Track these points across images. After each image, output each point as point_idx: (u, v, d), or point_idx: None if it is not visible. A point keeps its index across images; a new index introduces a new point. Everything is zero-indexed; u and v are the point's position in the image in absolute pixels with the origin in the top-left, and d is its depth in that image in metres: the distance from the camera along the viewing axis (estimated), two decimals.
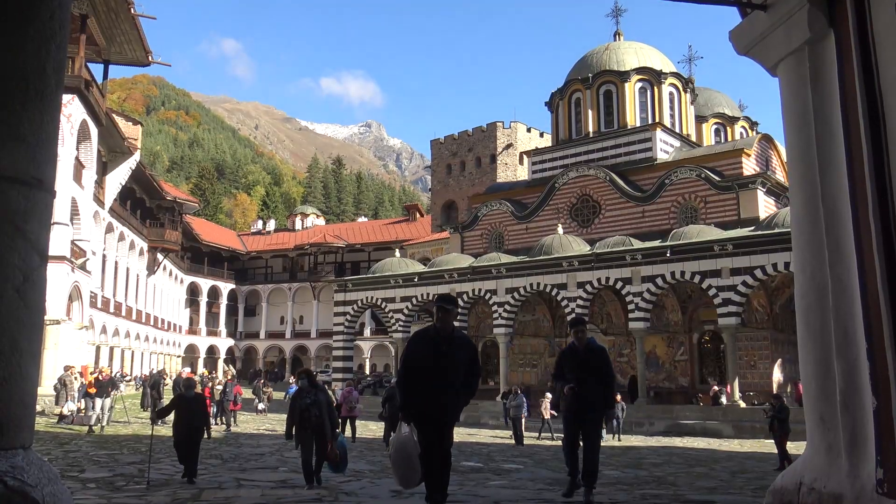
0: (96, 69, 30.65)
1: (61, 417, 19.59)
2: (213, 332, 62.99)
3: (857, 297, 3.88)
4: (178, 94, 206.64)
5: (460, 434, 18.72)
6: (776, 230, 24.38)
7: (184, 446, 9.08)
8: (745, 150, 32.34)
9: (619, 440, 20.79)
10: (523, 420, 19.92)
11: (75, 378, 21.61)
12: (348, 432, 18.57)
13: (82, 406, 19.69)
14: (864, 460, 3.80)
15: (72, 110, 26.67)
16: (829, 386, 4.08)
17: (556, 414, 17.96)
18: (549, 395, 21.05)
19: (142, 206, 47.05)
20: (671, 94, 37.14)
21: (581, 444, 7.10)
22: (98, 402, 18.59)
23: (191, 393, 9.76)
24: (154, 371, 35.71)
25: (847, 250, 3.97)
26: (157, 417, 9.70)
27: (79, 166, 29.54)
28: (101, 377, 19.86)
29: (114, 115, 35.60)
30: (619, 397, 22.62)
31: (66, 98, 24.59)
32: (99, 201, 35.23)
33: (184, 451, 9.08)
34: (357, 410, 19.41)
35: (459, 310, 6.49)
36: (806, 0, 4.18)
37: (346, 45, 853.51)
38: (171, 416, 9.85)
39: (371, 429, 21.53)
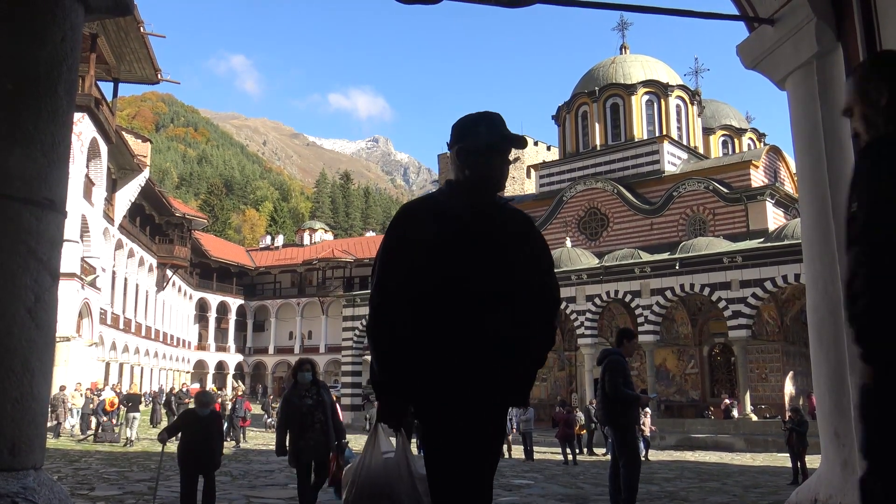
0: (106, 87, 31.00)
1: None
2: (221, 348, 63.08)
3: None
4: (187, 111, 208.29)
5: None
6: (786, 242, 24.29)
7: (193, 478, 6.87)
8: (753, 162, 32.32)
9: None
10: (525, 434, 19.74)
11: (82, 395, 21.69)
12: None
13: (93, 423, 19.81)
14: None
15: (82, 128, 26.92)
16: (843, 401, 4.04)
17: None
18: (647, 409, 20.05)
19: (151, 222, 47.32)
20: (678, 106, 37.18)
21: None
22: (137, 416, 19.28)
23: (205, 411, 7.30)
24: (164, 389, 35.76)
25: None
26: (167, 437, 7.76)
27: (89, 184, 29.76)
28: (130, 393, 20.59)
29: (123, 133, 35.91)
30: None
31: (76, 116, 24.74)
32: (109, 218, 35.45)
33: (193, 485, 6.85)
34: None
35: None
36: (813, 14, 4.18)
37: (355, 61, 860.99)
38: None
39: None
